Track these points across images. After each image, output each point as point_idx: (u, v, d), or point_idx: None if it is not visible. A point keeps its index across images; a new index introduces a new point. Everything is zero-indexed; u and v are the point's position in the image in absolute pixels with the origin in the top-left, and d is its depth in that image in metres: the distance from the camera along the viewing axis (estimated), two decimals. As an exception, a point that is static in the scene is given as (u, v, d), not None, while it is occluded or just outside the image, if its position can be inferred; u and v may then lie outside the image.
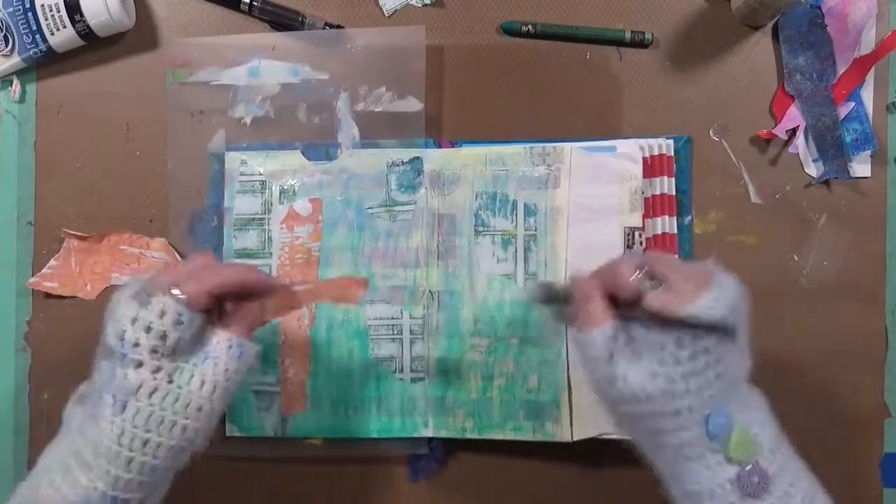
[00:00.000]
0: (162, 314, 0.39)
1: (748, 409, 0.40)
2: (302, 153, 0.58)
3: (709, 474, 0.38)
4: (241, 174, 0.57)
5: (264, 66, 0.58)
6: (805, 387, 0.58)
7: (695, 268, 0.41)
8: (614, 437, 0.55)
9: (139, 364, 0.39)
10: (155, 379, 0.39)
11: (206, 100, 0.58)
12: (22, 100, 0.59)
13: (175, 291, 0.40)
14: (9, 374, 0.59)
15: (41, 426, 0.58)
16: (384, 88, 0.58)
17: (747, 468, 0.38)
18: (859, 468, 0.57)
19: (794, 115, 0.58)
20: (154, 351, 0.39)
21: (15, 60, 0.57)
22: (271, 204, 0.57)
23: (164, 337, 0.39)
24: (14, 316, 0.59)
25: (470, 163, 0.57)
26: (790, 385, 0.57)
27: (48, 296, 0.58)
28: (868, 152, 0.57)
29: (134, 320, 0.39)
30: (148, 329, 0.39)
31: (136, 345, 0.39)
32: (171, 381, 0.39)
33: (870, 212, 0.58)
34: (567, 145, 0.56)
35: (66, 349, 0.59)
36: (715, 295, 0.38)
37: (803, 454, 0.41)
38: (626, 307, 0.41)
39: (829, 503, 0.40)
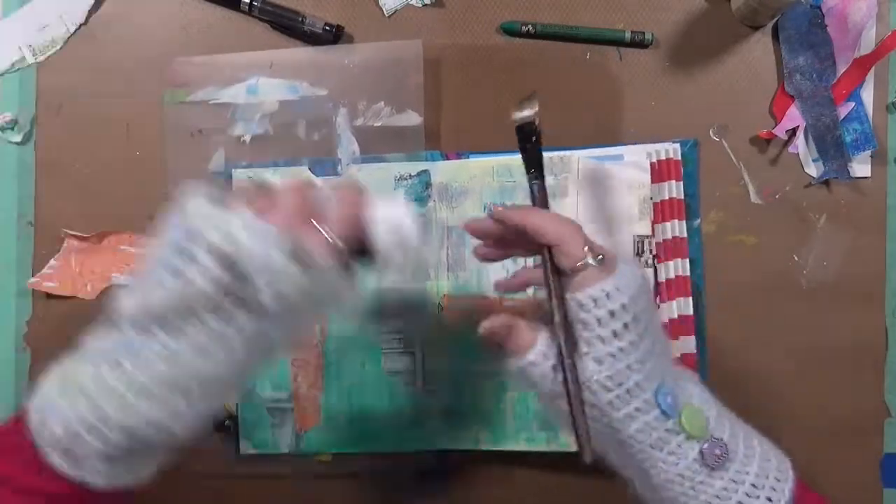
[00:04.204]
0: None
1: (685, 383, 0.40)
2: (309, 169, 0.57)
3: (673, 459, 0.39)
4: None
5: (262, 83, 0.58)
6: (805, 387, 0.58)
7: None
8: None
9: None
10: None
11: (205, 119, 0.58)
12: (22, 100, 0.59)
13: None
14: (9, 374, 0.59)
15: (41, 426, 0.58)
16: (383, 103, 0.58)
17: (707, 443, 0.38)
18: (859, 468, 0.57)
19: (794, 115, 0.58)
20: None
21: None
22: None
23: None
24: (14, 316, 0.59)
25: (477, 174, 0.57)
26: (790, 385, 0.57)
27: (48, 296, 0.58)
28: (868, 152, 0.57)
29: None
30: None
31: None
32: None
33: (870, 212, 0.58)
34: (574, 155, 0.56)
35: (66, 349, 0.59)
36: (617, 280, 0.39)
37: (803, 454, 0.41)
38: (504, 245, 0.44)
39: (774, 449, 0.40)
